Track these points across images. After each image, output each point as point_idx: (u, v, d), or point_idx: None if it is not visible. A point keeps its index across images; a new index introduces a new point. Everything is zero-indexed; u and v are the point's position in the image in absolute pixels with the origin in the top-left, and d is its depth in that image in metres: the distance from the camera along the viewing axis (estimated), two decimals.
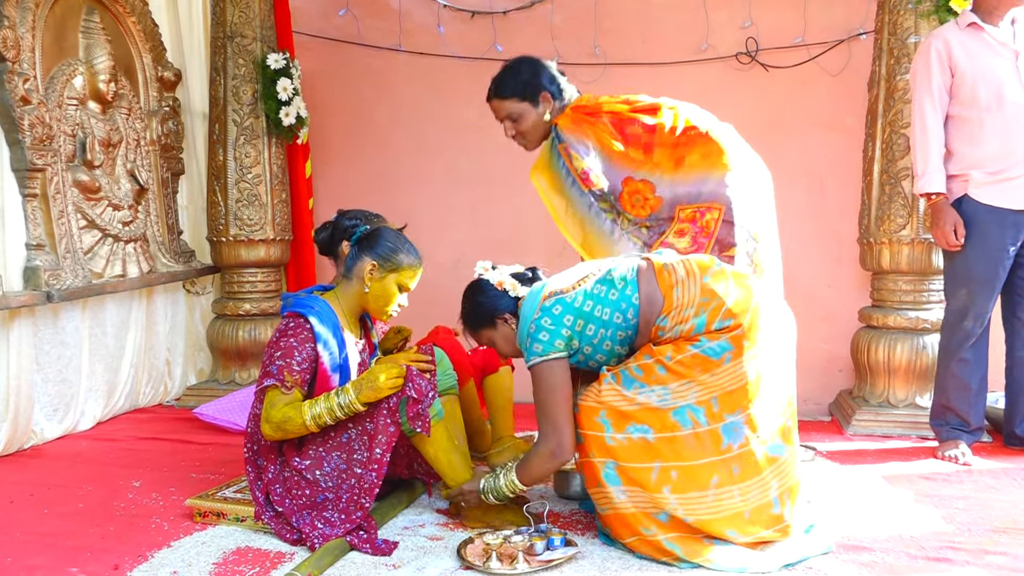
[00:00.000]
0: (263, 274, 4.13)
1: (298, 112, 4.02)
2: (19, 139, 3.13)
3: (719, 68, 4.01)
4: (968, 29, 2.88)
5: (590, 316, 2.16)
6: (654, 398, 2.09)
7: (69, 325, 3.50)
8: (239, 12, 3.96)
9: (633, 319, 2.16)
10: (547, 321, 2.16)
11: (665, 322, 2.13)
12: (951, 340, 3.00)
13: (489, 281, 2.34)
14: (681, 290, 2.13)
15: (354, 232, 2.43)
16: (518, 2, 4.26)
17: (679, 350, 2.11)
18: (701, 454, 2.06)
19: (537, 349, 2.17)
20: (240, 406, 3.54)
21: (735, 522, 2.07)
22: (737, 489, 2.06)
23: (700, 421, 2.07)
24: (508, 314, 2.31)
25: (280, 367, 2.25)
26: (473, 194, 4.34)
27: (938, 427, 3.08)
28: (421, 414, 2.25)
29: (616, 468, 2.10)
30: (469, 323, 2.40)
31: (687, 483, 2.06)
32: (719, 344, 2.08)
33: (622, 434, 2.10)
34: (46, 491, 2.78)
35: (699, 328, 2.10)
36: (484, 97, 2.76)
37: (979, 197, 2.87)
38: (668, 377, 2.10)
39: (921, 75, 2.93)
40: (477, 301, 2.36)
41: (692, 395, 2.08)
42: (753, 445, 2.07)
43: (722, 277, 2.16)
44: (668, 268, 2.18)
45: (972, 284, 2.91)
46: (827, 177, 3.97)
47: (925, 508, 2.52)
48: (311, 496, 2.30)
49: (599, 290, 2.17)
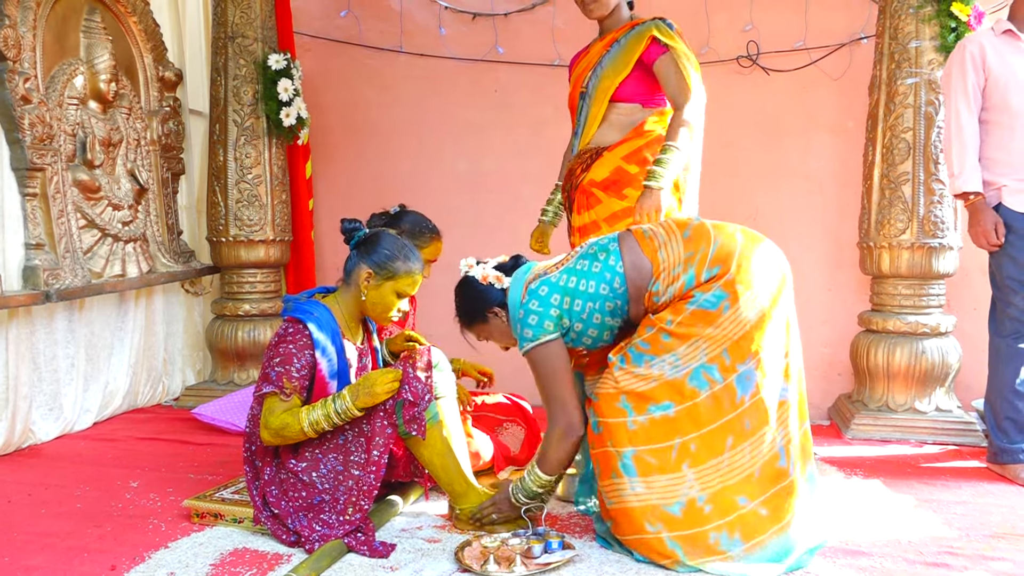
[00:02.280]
0: (263, 275, 4.13)
1: (299, 113, 4.02)
2: (19, 138, 3.13)
3: (720, 71, 4.01)
4: (1004, 36, 2.86)
5: (575, 292, 2.17)
6: (667, 368, 2.08)
7: (67, 325, 3.50)
8: (240, 12, 3.96)
9: (620, 288, 2.16)
10: (535, 304, 2.17)
11: (657, 286, 2.14)
12: (1015, 351, 2.85)
13: (475, 277, 2.34)
14: (666, 251, 2.14)
15: (353, 236, 2.41)
16: (519, 4, 4.27)
17: (677, 311, 2.10)
18: (718, 415, 2.06)
19: (528, 334, 2.18)
20: (239, 407, 3.54)
21: (746, 486, 2.05)
22: (749, 444, 2.06)
23: (715, 379, 2.06)
24: (497, 307, 2.32)
25: (279, 374, 2.25)
26: (473, 195, 4.34)
27: (1009, 447, 2.86)
28: (417, 417, 2.25)
29: (634, 457, 2.08)
30: (464, 321, 2.41)
31: (705, 452, 2.05)
32: (713, 294, 2.08)
33: (644, 416, 2.08)
34: (43, 491, 2.78)
35: (690, 283, 2.10)
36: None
37: (1014, 205, 2.82)
38: (674, 342, 2.09)
39: (955, 76, 2.90)
40: (466, 299, 2.36)
41: (703, 354, 2.07)
42: (763, 392, 2.07)
43: (701, 229, 2.17)
44: (649, 233, 2.20)
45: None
46: (827, 181, 3.97)
47: (924, 513, 2.52)
48: (307, 498, 2.29)
49: (582, 265, 2.19)
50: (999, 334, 2.90)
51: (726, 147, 3.95)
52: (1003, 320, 2.89)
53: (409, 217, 2.85)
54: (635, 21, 2.80)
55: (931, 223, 3.33)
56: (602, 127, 2.78)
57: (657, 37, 2.68)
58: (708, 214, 2.84)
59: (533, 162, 4.20)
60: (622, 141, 2.75)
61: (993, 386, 2.92)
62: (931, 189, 3.32)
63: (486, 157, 4.36)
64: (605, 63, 2.77)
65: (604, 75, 2.76)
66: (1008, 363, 2.86)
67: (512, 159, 4.32)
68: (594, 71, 2.79)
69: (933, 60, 3.30)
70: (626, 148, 2.74)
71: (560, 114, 3.16)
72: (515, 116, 4.30)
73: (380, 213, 2.88)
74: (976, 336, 3.38)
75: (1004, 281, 2.87)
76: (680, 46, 2.69)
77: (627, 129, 2.76)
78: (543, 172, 3.29)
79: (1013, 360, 2.86)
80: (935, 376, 3.38)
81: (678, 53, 2.67)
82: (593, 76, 2.79)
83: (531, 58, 4.22)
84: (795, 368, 2.16)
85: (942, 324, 3.38)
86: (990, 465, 2.95)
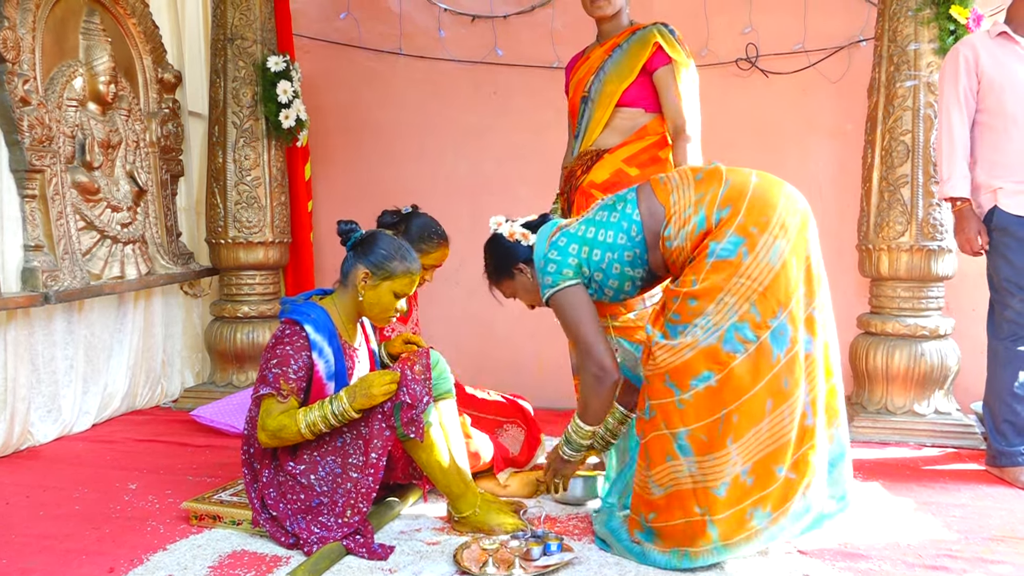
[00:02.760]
0: (261, 276, 4.13)
1: (298, 115, 4.02)
2: (18, 140, 3.13)
3: (719, 73, 4.02)
4: (999, 38, 2.87)
5: (594, 241, 2.19)
6: (699, 333, 2.04)
7: (66, 326, 3.50)
8: (240, 14, 3.96)
9: (638, 235, 2.16)
10: (555, 254, 2.20)
11: (669, 230, 2.13)
12: (1013, 353, 2.84)
13: (502, 234, 2.37)
14: (677, 194, 2.14)
15: (349, 237, 2.41)
16: (519, 7, 4.27)
17: (698, 270, 2.07)
18: (757, 378, 2.01)
19: (548, 282, 2.21)
20: (237, 408, 3.54)
21: (783, 454, 2.03)
22: (787, 406, 2.03)
23: (748, 339, 2.02)
24: (523, 263, 2.34)
25: (276, 375, 2.25)
26: (473, 198, 4.34)
27: (1008, 450, 2.85)
28: (415, 420, 2.24)
29: (688, 436, 2.05)
30: (492, 278, 2.44)
31: (746, 422, 2.02)
32: (729, 241, 2.04)
33: (688, 392, 2.05)
34: (42, 493, 2.77)
35: (700, 224, 2.08)
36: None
37: (1009, 208, 2.82)
38: (702, 303, 2.04)
39: (948, 80, 2.91)
40: (493, 255, 2.40)
41: (732, 312, 2.03)
42: (797, 347, 2.04)
43: (715, 171, 2.17)
44: (664, 179, 2.21)
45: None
46: (826, 183, 3.98)
47: (923, 516, 2.52)
48: (306, 500, 2.29)
49: (601, 216, 2.22)
50: (997, 337, 2.91)
51: (725, 149, 3.92)
52: (1001, 323, 2.89)
53: (419, 220, 2.85)
54: (635, 26, 2.83)
55: (930, 226, 3.33)
56: (605, 131, 2.80)
57: (662, 46, 2.72)
58: None
59: (533, 164, 4.20)
60: (623, 144, 2.77)
61: (991, 389, 2.92)
62: (930, 192, 3.32)
63: (486, 159, 4.37)
64: (608, 68, 2.79)
65: (608, 80, 2.78)
66: (1006, 366, 2.87)
67: (511, 161, 4.32)
68: (596, 76, 2.81)
69: (932, 63, 3.30)
70: (627, 151, 2.77)
71: (560, 117, 3.17)
72: (514, 118, 4.30)
73: (392, 211, 2.87)
74: (975, 339, 3.38)
75: (1001, 284, 2.87)
76: (681, 57, 2.74)
77: (629, 133, 2.79)
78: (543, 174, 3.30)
79: (1011, 363, 2.86)
80: (934, 378, 3.38)
81: (678, 66, 2.72)
82: (596, 81, 2.81)
83: (530, 60, 4.23)
84: (821, 319, 2.10)
85: (941, 326, 3.38)
86: (989, 468, 2.95)
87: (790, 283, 2.04)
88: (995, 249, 2.86)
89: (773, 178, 2.18)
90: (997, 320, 2.91)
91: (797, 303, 2.05)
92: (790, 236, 2.06)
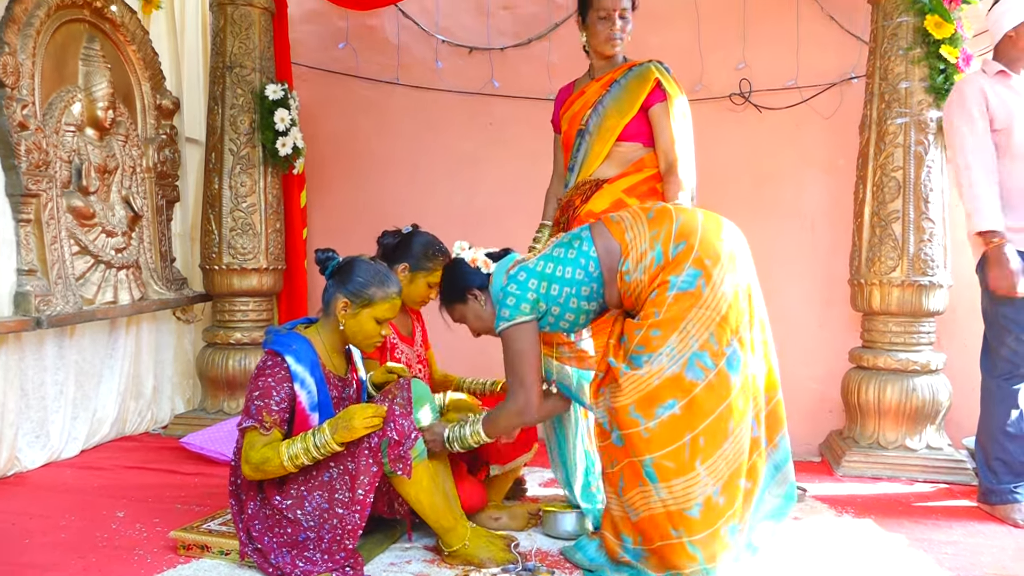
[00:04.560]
0: (255, 303, 4.13)
1: (295, 142, 4.04)
2: (15, 164, 3.14)
3: (713, 108, 4.06)
4: (997, 76, 2.89)
5: (552, 277, 2.27)
6: (665, 361, 2.13)
7: (57, 351, 3.48)
8: (239, 43, 3.99)
9: (595, 271, 2.26)
10: (513, 287, 2.29)
11: (627, 265, 2.23)
12: (1007, 391, 2.85)
13: (464, 259, 2.44)
14: (632, 232, 2.25)
15: (327, 266, 2.39)
16: (515, 39, 4.32)
17: (660, 303, 2.17)
18: (717, 402, 2.12)
19: (504, 315, 2.29)
20: (228, 436, 3.51)
21: (743, 468, 2.15)
22: (744, 424, 2.15)
23: (708, 366, 2.12)
24: (477, 290, 2.41)
25: (259, 407, 2.23)
26: (466, 227, 4.34)
27: (999, 488, 2.84)
28: (403, 456, 2.22)
29: (653, 464, 2.11)
30: (444, 298, 2.53)
31: (712, 443, 2.11)
32: (687, 274, 2.15)
33: (653, 421, 2.12)
34: (28, 520, 2.74)
35: (658, 259, 2.19)
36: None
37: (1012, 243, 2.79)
38: (665, 333, 2.14)
39: (962, 115, 2.85)
40: (451, 277, 2.48)
41: (693, 340, 2.13)
42: (749, 369, 2.17)
43: (664, 210, 2.29)
44: (616, 218, 2.32)
45: (1023, 329, 2.80)
46: (818, 217, 4.00)
47: (915, 553, 2.51)
48: (292, 535, 2.26)
49: (558, 252, 2.30)
50: (992, 374, 2.90)
51: (719, 183, 3.97)
52: (996, 360, 2.88)
53: (421, 238, 2.85)
54: (631, 63, 2.88)
55: (921, 261, 3.35)
56: (604, 163, 2.85)
57: (661, 82, 2.81)
58: None
59: (527, 195, 4.21)
60: (622, 175, 2.84)
61: (984, 426, 2.92)
62: (921, 227, 3.35)
63: (480, 189, 4.39)
64: (607, 103, 2.85)
65: (608, 115, 2.84)
66: (1000, 403, 2.87)
67: (506, 192, 4.34)
68: (595, 109, 2.86)
69: (923, 100, 3.35)
70: (626, 182, 2.83)
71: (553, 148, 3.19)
72: (510, 149, 4.33)
73: (392, 231, 2.88)
74: (966, 374, 3.39)
75: (998, 321, 2.86)
76: (675, 94, 2.81)
77: (627, 164, 2.86)
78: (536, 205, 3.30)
79: (1005, 400, 2.86)
80: (926, 413, 3.38)
81: (671, 101, 2.80)
82: (595, 115, 2.86)
83: (526, 92, 4.26)
84: (760, 338, 2.25)
85: (932, 361, 3.39)
86: (981, 505, 2.94)
87: (739, 312, 2.18)
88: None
89: (715, 215, 2.32)
90: (992, 357, 2.90)
91: (745, 328, 2.19)
92: (736, 267, 2.20)
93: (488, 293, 2.40)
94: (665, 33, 4.08)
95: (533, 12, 4.34)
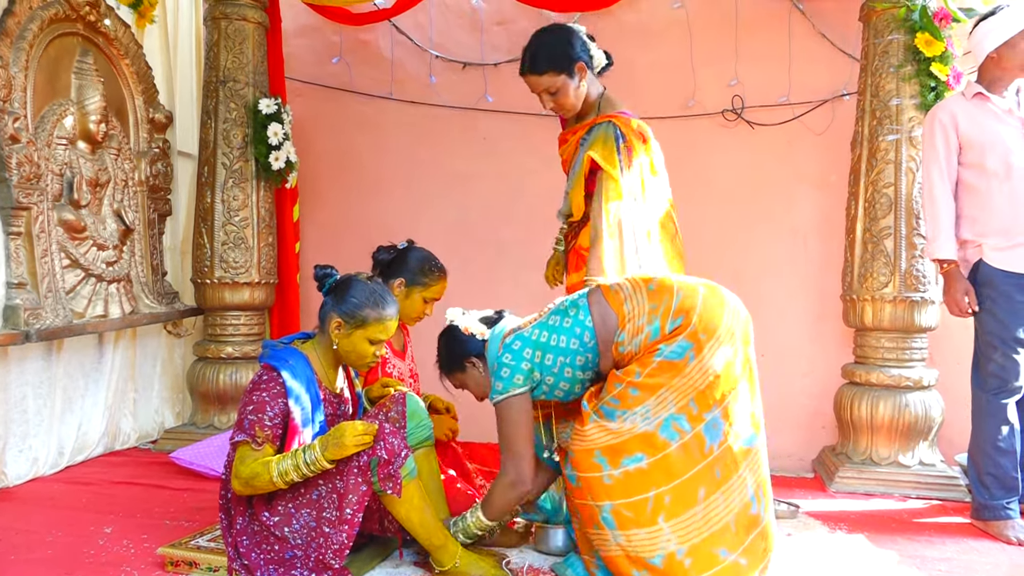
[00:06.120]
0: (247, 317, 4.11)
1: (288, 156, 4.04)
2: (6, 177, 3.13)
3: (705, 124, 4.08)
4: (975, 99, 2.93)
5: (547, 345, 2.25)
6: (639, 420, 2.12)
7: (44, 364, 3.45)
8: (232, 57, 4.00)
9: (590, 341, 2.23)
10: (508, 357, 2.26)
11: (623, 337, 2.20)
12: (997, 406, 2.86)
13: (458, 327, 2.41)
14: (631, 304, 2.21)
15: (324, 283, 2.37)
16: (509, 55, 4.33)
17: (645, 364, 2.15)
18: (689, 465, 2.10)
19: (499, 387, 2.26)
20: (218, 451, 3.48)
21: (724, 537, 2.09)
22: (721, 494, 2.10)
23: (684, 428, 2.11)
24: (475, 357, 2.40)
25: (252, 422, 2.21)
26: (460, 241, 4.35)
27: (992, 504, 2.85)
28: (392, 475, 2.21)
29: (612, 511, 2.10)
30: (443, 368, 2.49)
31: (679, 504, 2.08)
32: (678, 345, 2.13)
33: (618, 469, 2.11)
34: (14, 536, 2.71)
35: (655, 334, 2.16)
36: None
37: (995, 263, 2.85)
38: (643, 395, 2.14)
39: (927, 144, 2.97)
40: (448, 346, 2.45)
41: (671, 404, 2.12)
42: (730, 440, 2.13)
43: (665, 283, 2.25)
44: (615, 287, 2.28)
45: (1008, 344, 2.83)
46: (811, 233, 4.01)
47: (908, 570, 2.50)
48: (279, 552, 2.23)
49: (554, 320, 2.28)
50: (982, 389, 2.92)
51: (711, 199, 4.00)
52: (986, 376, 2.90)
53: (417, 254, 2.85)
54: (598, 118, 2.76)
55: (913, 277, 3.36)
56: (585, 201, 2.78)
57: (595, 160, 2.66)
58: (694, 265, 2.87)
59: (519, 209, 4.23)
60: None
61: (976, 442, 2.92)
62: (913, 244, 3.36)
63: (473, 204, 4.39)
64: (579, 154, 2.77)
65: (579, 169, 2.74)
66: (990, 418, 2.87)
67: (499, 206, 4.35)
68: (575, 155, 2.80)
69: (914, 118, 3.37)
70: None
71: (546, 163, 3.20)
72: (502, 163, 4.34)
73: (388, 247, 2.87)
74: (958, 390, 3.39)
75: (985, 336, 2.89)
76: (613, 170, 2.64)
77: None
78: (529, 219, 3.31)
79: (996, 415, 2.86)
80: (918, 430, 3.38)
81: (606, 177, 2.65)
82: (576, 161, 2.79)
83: (520, 107, 4.27)
84: (759, 415, 2.23)
85: (925, 377, 3.40)
86: (974, 521, 2.93)
87: (729, 384, 2.15)
88: (981, 303, 2.89)
89: (717, 288, 2.28)
90: (982, 373, 2.92)
91: (735, 402, 2.15)
92: (735, 342, 2.17)
93: (485, 360, 2.37)
94: (658, 50, 4.11)
95: (527, 28, 4.33)
